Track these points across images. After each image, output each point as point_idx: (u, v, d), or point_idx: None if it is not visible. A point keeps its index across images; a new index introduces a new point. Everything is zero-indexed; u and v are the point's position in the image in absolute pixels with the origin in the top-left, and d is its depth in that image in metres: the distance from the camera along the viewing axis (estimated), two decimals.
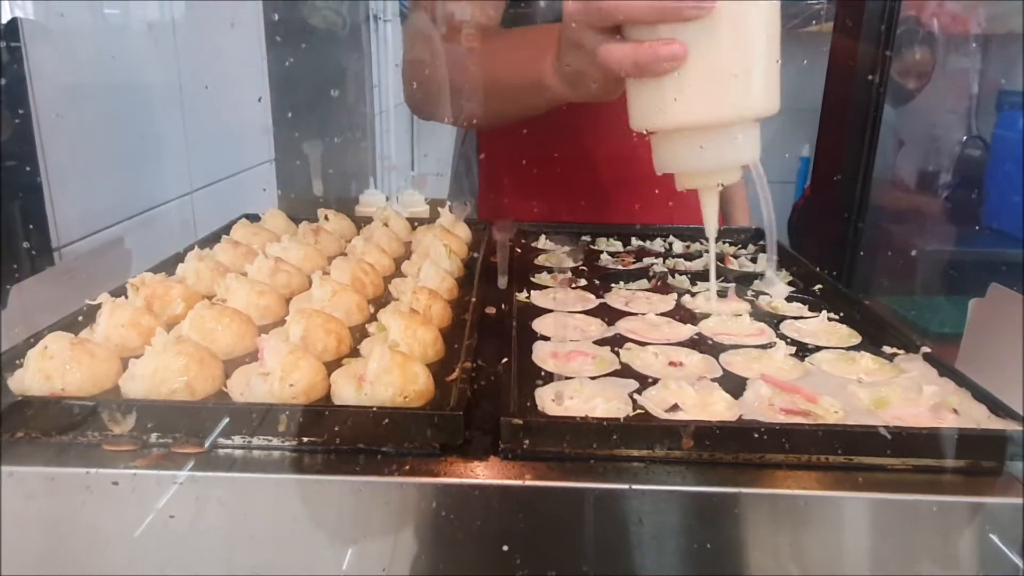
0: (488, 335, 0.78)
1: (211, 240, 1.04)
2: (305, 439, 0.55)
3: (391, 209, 1.10)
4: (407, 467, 0.54)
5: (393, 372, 0.58)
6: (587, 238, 1.14)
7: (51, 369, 0.58)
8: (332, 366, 0.66)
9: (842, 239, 1.69)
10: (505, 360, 0.66)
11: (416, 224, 1.12)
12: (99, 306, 0.70)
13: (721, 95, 0.61)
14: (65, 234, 1.31)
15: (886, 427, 0.55)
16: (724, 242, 1.14)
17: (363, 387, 0.58)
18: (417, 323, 0.68)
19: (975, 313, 1.04)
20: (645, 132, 0.66)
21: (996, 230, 2.88)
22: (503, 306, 0.84)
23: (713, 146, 0.63)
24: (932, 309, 2.75)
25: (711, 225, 0.70)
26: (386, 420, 0.55)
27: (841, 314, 0.83)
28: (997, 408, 0.60)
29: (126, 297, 0.75)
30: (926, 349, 0.71)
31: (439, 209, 1.10)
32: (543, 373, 0.66)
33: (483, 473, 0.54)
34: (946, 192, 3.00)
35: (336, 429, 0.55)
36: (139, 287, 0.75)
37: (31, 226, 1.20)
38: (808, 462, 0.55)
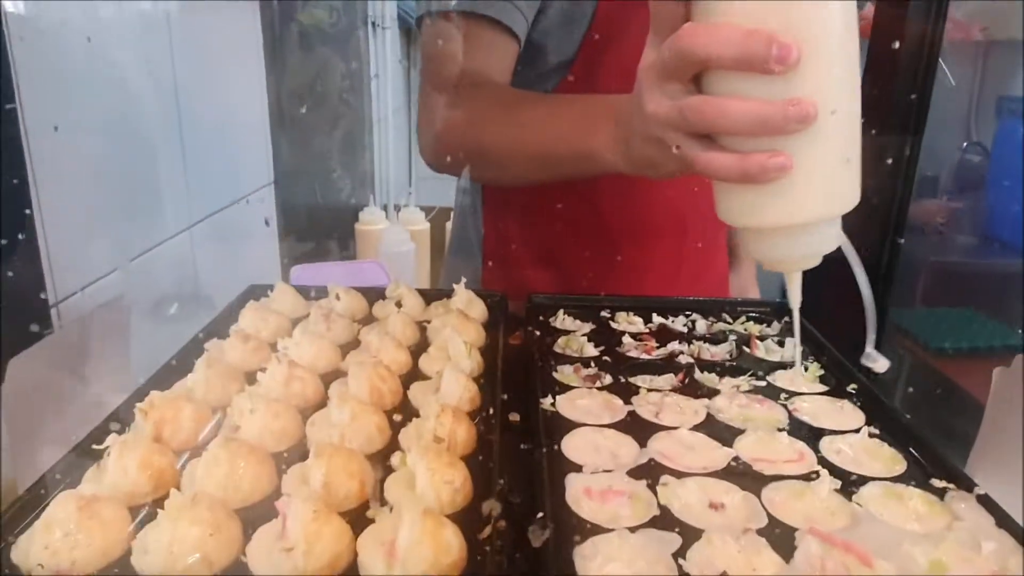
0: (514, 454, 0.74)
1: (218, 325, 1.00)
2: None
3: (403, 286, 1.06)
4: None
5: (424, 543, 0.55)
6: (606, 314, 1.11)
7: (58, 544, 0.54)
8: (355, 512, 0.62)
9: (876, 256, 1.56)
10: (541, 515, 0.62)
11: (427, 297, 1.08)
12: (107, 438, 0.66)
13: (816, 196, 0.61)
14: (62, 287, 1.26)
15: None
16: (747, 317, 1.11)
17: (394, 565, 0.54)
18: (444, 465, 0.64)
19: (998, 383, 1.01)
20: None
21: (999, 240, 2.85)
22: (535, 395, 0.81)
23: (804, 239, 0.64)
24: (933, 321, 2.73)
25: (795, 301, 0.72)
26: None
27: (880, 428, 0.80)
28: None
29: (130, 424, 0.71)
30: (980, 491, 0.68)
31: (454, 286, 1.06)
32: (579, 526, 0.62)
33: None
34: (946, 200, 2.97)
35: None
36: (147, 411, 0.71)
37: (27, 285, 1.15)
38: None
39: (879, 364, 0.88)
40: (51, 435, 0.94)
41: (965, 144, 3.13)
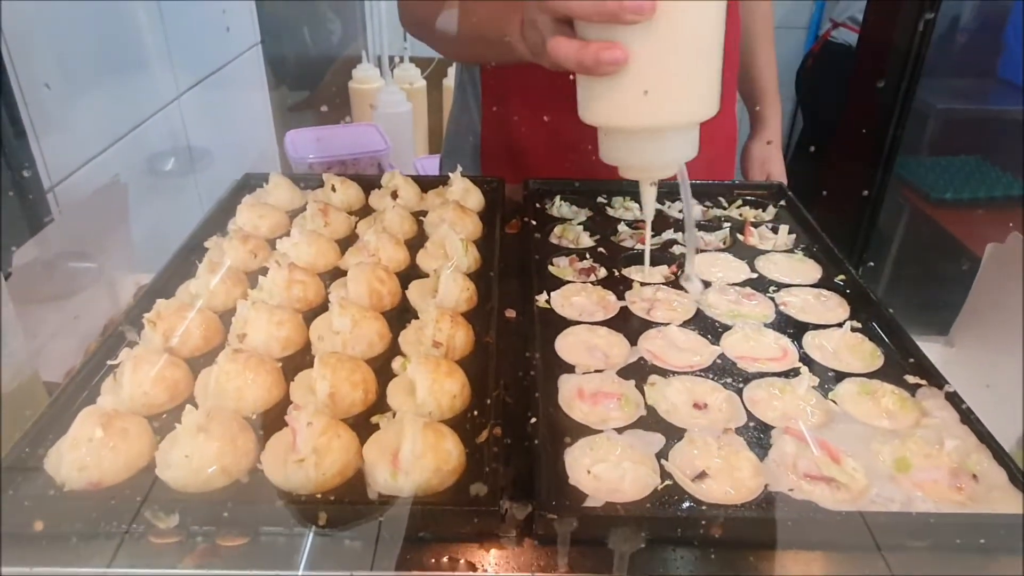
0: (510, 351, 0.77)
1: (216, 218, 1.01)
2: (345, 529, 0.57)
3: (398, 175, 1.06)
4: (445, 558, 0.56)
5: (427, 455, 0.59)
6: (603, 199, 1.11)
7: (86, 459, 0.58)
8: (361, 419, 0.66)
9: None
10: (533, 420, 0.66)
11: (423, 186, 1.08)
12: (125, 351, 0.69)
13: (659, 101, 0.60)
14: (56, 171, 1.25)
15: (910, 514, 0.57)
16: (743, 201, 1.11)
17: (398, 474, 0.58)
18: (443, 374, 0.68)
19: (989, 259, 1.03)
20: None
21: (1011, 84, 2.75)
22: (534, 292, 0.84)
23: (649, 146, 0.64)
24: (936, 171, 2.70)
25: (648, 212, 0.75)
26: (424, 513, 0.57)
27: (860, 321, 0.83)
28: (1015, 476, 0.62)
29: (140, 331, 0.74)
30: (949, 388, 0.71)
31: (450, 175, 1.05)
32: (571, 428, 0.67)
33: (519, 563, 0.56)
34: (963, 38, 2.84)
35: (374, 520, 0.57)
36: (156, 322, 0.73)
37: (21, 174, 1.15)
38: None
39: (694, 286, 0.88)
40: (62, 324, 0.98)
41: None
